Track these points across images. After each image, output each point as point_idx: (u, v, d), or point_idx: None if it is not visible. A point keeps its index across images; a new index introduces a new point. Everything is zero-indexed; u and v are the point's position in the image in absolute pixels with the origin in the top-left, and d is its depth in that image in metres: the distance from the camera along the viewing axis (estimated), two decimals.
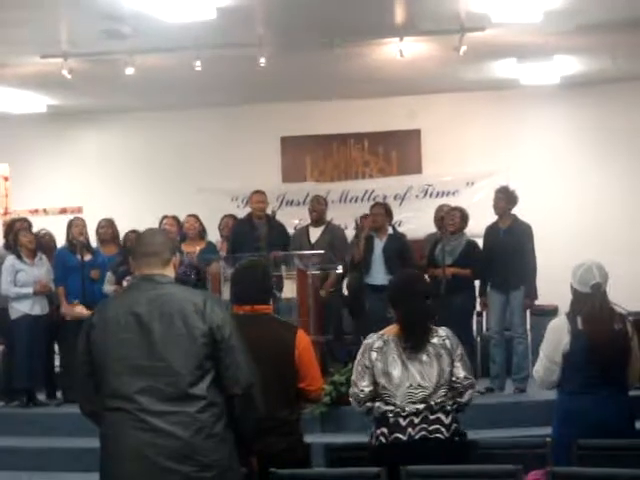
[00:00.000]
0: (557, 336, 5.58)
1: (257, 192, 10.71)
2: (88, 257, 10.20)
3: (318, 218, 10.77)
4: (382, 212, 10.56)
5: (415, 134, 13.96)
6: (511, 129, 13.57)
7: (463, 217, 10.18)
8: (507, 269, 9.62)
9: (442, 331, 5.28)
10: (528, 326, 10.33)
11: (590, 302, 5.52)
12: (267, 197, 10.80)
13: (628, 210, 12.92)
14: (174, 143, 13.97)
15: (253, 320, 4.78)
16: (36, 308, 9.94)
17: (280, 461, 4.82)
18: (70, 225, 10.45)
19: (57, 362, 10.44)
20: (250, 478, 4.65)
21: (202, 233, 10.75)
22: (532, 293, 9.84)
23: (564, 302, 5.91)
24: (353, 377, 5.31)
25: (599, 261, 5.70)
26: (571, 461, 5.14)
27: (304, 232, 10.78)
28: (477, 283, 10.16)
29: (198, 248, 10.42)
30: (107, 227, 10.83)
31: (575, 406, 5.50)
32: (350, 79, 12.52)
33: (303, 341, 5.14)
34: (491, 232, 9.99)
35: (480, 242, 10.12)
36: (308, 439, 5.34)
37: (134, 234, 9.40)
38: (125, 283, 9.25)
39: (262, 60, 10.80)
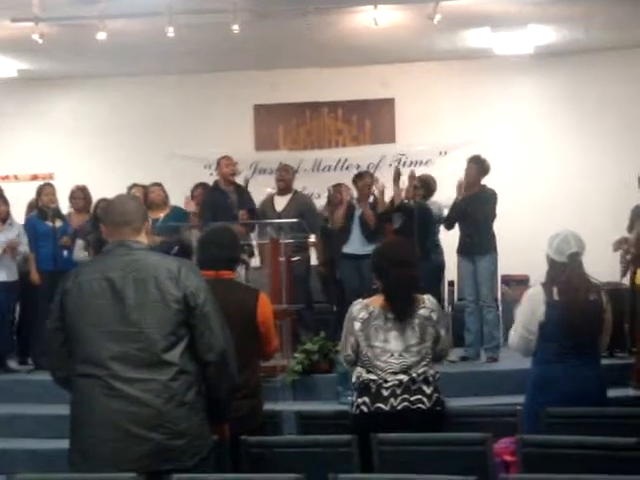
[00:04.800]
0: (533, 305, 5.60)
1: (226, 157, 10.56)
2: (59, 224, 10.11)
3: (285, 187, 10.68)
4: (370, 183, 10.53)
5: (389, 103, 13.92)
6: (484, 99, 13.54)
7: (424, 186, 10.21)
8: (472, 236, 9.60)
9: (429, 302, 5.26)
10: (499, 295, 10.35)
11: (567, 271, 5.54)
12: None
13: (601, 179, 12.93)
14: (146, 109, 13.85)
15: (217, 285, 4.77)
16: (3, 274, 9.79)
17: (240, 427, 4.82)
18: (40, 192, 10.34)
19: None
20: (221, 445, 4.65)
21: (165, 199, 10.67)
22: None
23: (534, 272, 5.91)
24: (341, 343, 5.36)
25: (575, 231, 5.73)
26: (541, 429, 5.18)
27: (269, 201, 10.70)
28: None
29: (162, 215, 10.40)
30: (80, 198, 10.64)
31: (548, 375, 5.54)
32: (324, 47, 12.44)
33: (265, 304, 5.23)
34: (459, 198, 9.92)
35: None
36: (279, 407, 5.35)
37: (104, 202, 9.29)
38: None
39: (235, 27, 10.69)
